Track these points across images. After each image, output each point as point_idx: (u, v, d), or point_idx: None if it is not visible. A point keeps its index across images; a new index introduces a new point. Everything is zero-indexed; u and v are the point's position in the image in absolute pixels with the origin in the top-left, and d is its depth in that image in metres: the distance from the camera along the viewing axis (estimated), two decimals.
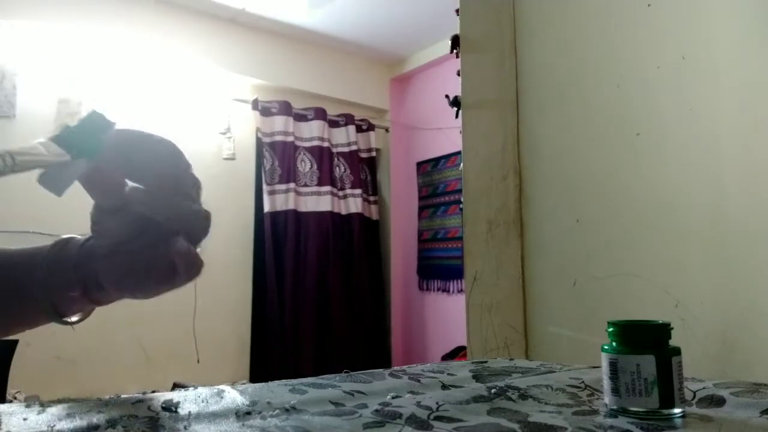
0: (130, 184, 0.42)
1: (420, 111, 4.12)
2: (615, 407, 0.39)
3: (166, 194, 0.41)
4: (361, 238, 3.88)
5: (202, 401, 0.36)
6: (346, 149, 3.93)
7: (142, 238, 0.43)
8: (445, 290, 3.78)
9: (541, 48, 1.39)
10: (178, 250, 0.41)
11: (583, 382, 0.47)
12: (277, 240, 3.53)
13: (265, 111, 3.61)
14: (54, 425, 0.30)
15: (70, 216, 2.46)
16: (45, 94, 2.89)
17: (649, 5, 1.16)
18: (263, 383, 0.42)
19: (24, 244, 0.55)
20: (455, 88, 1.52)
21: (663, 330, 0.40)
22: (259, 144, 3.60)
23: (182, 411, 0.34)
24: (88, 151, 0.39)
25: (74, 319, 0.49)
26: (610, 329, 0.41)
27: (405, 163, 4.19)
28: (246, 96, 3.57)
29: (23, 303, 0.48)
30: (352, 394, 0.40)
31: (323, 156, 3.78)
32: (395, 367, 0.51)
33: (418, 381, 0.46)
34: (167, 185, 0.41)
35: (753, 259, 0.99)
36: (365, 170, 4.05)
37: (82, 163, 0.39)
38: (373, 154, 4.11)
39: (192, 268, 0.42)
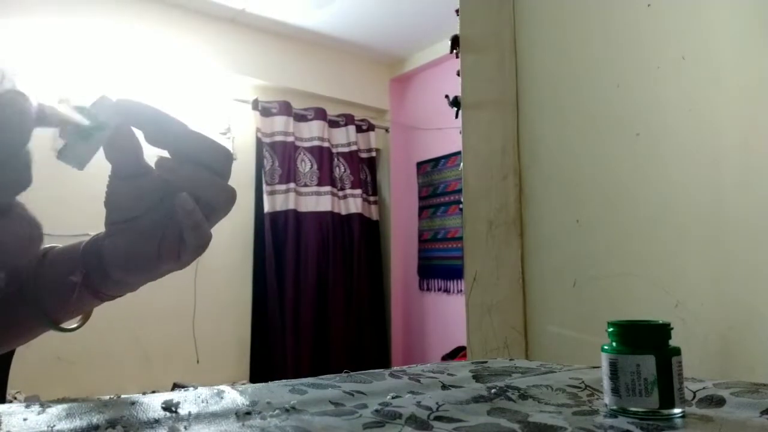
0: (158, 152, 0.40)
1: (420, 111, 4.12)
2: (615, 407, 0.39)
3: (193, 165, 0.40)
4: (361, 238, 3.88)
5: (202, 401, 0.36)
6: (346, 149, 3.93)
7: (155, 210, 0.42)
8: (445, 290, 3.78)
9: (541, 48, 1.39)
10: (182, 203, 0.39)
11: (583, 382, 0.48)
12: (277, 240, 3.53)
13: (265, 111, 3.60)
14: (54, 425, 0.30)
15: (73, 216, 2.46)
16: (45, 94, 2.89)
17: (649, 5, 1.16)
18: (263, 383, 0.42)
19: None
20: (455, 88, 1.52)
21: (663, 330, 0.40)
22: (259, 144, 3.60)
23: (182, 411, 0.34)
24: (103, 126, 0.39)
25: (73, 325, 0.47)
26: (610, 329, 0.41)
27: (405, 163, 4.19)
28: (246, 96, 3.57)
29: (14, 310, 0.46)
30: (352, 394, 0.40)
31: (323, 156, 3.78)
32: (395, 368, 0.51)
33: (418, 381, 0.46)
34: (195, 156, 0.40)
35: (753, 259, 0.99)
36: (365, 170, 4.05)
37: (104, 135, 0.39)
38: (373, 154, 4.11)
39: (198, 233, 0.40)
